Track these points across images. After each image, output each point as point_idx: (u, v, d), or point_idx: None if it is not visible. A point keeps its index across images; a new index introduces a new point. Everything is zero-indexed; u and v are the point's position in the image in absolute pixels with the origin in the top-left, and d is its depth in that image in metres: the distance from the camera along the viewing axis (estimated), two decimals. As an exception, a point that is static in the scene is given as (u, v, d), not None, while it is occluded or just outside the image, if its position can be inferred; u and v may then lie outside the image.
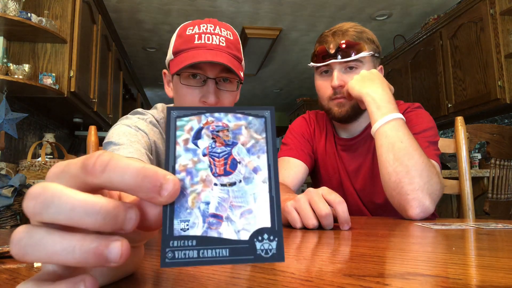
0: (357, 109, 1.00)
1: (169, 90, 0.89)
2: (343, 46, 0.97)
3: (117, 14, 3.63)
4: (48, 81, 2.29)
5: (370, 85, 0.90)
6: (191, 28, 0.81)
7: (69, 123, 3.31)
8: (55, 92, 2.30)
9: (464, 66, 3.17)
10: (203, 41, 0.78)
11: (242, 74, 0.82)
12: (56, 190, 0.21)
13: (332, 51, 0.98)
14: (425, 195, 0.79)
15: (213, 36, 0.79)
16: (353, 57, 0.97)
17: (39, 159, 2.15)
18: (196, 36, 0.79)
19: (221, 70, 0.81)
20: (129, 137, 0.78)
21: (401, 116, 0.87)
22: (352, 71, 0.99)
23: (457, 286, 0.28)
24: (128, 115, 0.89)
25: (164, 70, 0.91)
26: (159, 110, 0.94)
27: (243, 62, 0.87)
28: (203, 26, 0.80)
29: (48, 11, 2.41)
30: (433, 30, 3.56)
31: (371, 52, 1.00)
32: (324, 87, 1.02)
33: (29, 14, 2.14)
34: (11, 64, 2.15)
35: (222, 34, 0.80)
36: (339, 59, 0.97)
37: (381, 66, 1.06)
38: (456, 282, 0.30)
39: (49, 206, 0.20)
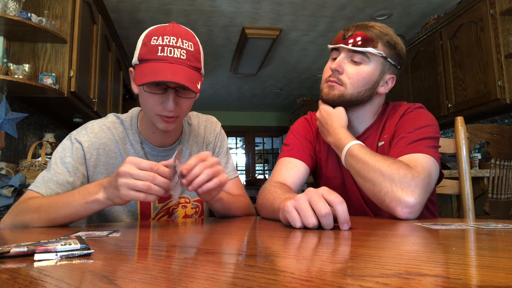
0: (348, 101, 1.01)
1: (135, 87, 0.97)
2: (357, 36, 0.99)
3: (117, 14, 3.63)
4: (48, 81, 2.28)
5: (327, 134, 1.03)
6: (156, 38, 0.87)
7: (69, 123, 3.31)
8: (55, 92, 2.30)
9: (464, 66, 3.17)
10: (165, 54, 0.86)
11: (199, 84, 0.89)
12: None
13: (346, 37, 1.00)
14: (398, 192, 0.80)
15: (175, 49, 0.86)
16: (360, 48, 0.98)
17: (39, 159, 2.15)
18: (160, 48, 0.86)
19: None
20: (56, 169, 0.94)
21: (353, 143, 0.94)
22: (357, 66, 1.00)
23: (457, 286, 0.28)
24: (77, 130, 1.03)
25: (131, 69, 0.97)
26: (129, 113, 1.08)
27: (202, 70, 0.94)
28: (167, 39, 0.87)
29: (48, 11, 2.41)
30: (433, 30, 3.56)
31: (382, 53, 0.99)
32: (326, 69, 1.05)
33: (29, 14, 2.14)
34: (11, 64, 2.15)
35: (183, 47, 0.87)
36: (348, 45, 0.99)
37: (393, 75, 1.04)
38: (456, 282, 0.30)
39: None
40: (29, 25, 2.13)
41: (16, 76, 2.11)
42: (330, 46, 1.05)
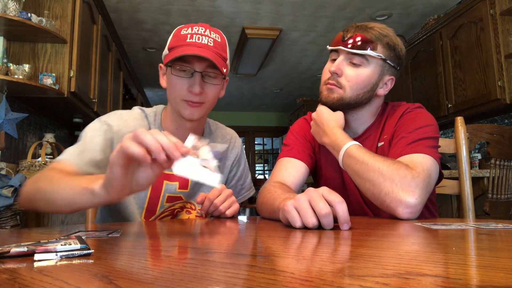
0: (347, 104, 1.01)
1: (163, 82, 1.02)
2: (357, 38, 0.98)
3: (117, 14, 3.63)
4: (48, 81, 2.29)
5: (322, 134, 1.01)
6: (185, 29, 0.96)
7: (69, 123, 3.31)
8: (55, 92, 2.30)
9: (464, 66, 3.17)
10: (194, 40, 0.93)
11: (225, 70, 0.95)
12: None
13: (345, 38, 1.00)
14: (399, 192, 0.80)
15: (203, 37, 0.93)
16: (359, 50, 0.97)
17: (39, 159, 2.15)
18: (189, 35, 0.93)
19: (207, 66, 0.95)
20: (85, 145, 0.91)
21: (350, 144, 0.93)
22: (356, 68, 0.99)
23: (457, 286, 0.28)
24: (110, 114, 1.03)
25: (160, 64, 1.02)
26: (153, 108, 1.10)
27: (228, 62, 0.99)
28: (196, 28, 0.95)
29: (48, 11, 2.41)
30: (433, 30, 3.56)
31: (381, 55, 0.98)
32: (325, 71, 1.05)
33: (29, 14, 2.14)
34: (11, 64, 2.15)
35: (211, 36, 0.95)
36: (347, 47, 0.98)
37: (392, 77, 1.04)
38: (456, 282, 0.30)
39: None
40: (29, 25, 2.13)
41: (16, 76, 2.11)
42: (329, 48, 1.05)
